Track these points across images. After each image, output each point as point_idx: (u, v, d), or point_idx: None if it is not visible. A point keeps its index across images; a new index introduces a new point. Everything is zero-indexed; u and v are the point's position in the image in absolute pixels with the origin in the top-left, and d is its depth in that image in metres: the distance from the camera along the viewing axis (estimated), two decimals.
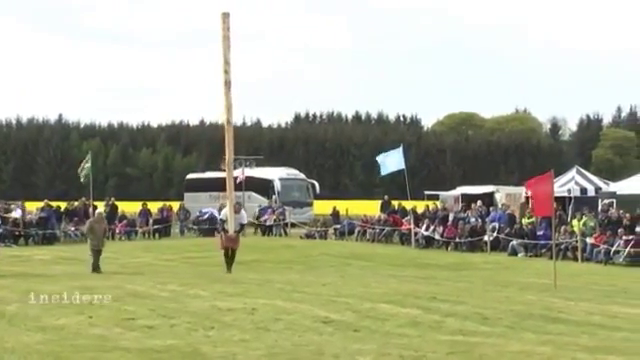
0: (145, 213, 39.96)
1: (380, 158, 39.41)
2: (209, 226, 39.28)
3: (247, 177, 41.85)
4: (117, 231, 37.25)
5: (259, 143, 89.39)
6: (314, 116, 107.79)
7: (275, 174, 48.71)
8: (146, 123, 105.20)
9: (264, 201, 45.65)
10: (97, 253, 21.82)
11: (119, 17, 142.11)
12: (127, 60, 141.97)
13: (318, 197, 50.02)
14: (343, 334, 11.61)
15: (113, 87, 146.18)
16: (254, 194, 46.19)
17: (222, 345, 10.47)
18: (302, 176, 50.61)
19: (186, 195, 51.50)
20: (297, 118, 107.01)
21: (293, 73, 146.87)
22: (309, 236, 38.61)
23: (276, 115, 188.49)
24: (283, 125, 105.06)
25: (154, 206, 41.67)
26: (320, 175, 72.99)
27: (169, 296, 15.57)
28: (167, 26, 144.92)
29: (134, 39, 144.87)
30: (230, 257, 21.72)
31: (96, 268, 21.51)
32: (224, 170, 45.76)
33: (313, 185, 49.48)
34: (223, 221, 22.19)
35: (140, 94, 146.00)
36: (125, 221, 38.88)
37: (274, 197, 46.03)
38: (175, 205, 44.07)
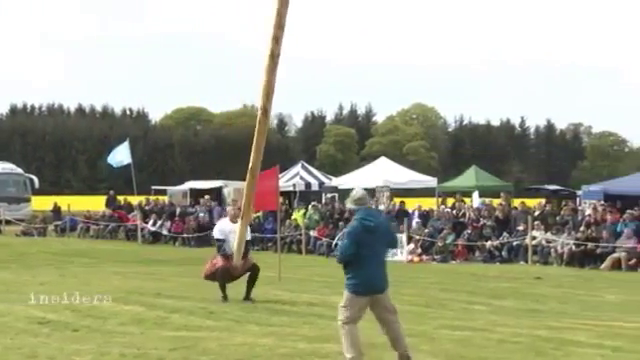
0: None
1: (120, 155, 38.19)
2: None
3: None
4: None
5: None
6: (32, 108, 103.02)
7: None
8: None
9: None
10: None
11: None
12: None
13: (37, 192, 48.06)
14: (61, 334, 11.21)
15: None
16: None
17: None
18: (19, 170, 48.31)
19: None
20: (13, 109, 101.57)
21: (9, 60, 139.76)
22: (26, 233, 37.09)
23: None
24: None
25: None
26: (40, 170, 70.22)
27: None
28: None
29: None
30: (250, 281, 14.80)
31: None
32: None
33: (31, 180, 47.49)
34: (221, 241, 14.89)
35: None
36: None
37: None
38: None
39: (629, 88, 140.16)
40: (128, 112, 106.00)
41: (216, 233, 15.16)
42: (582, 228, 25.15)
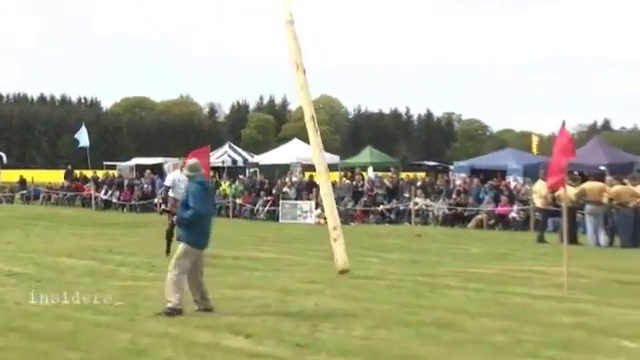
0: None
1: (79, 137, 36.56)
2: None
3: None
4: None
5: None
6: (0, 96, 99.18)
7: None
8: None
9: None
10: None
11: None
12: None
13: (5, 167, 46.43)
14: (26, 285, 10.93)
15: None
16: None
17: None
18: None
19: None
20: None
21: None
22: None
23: None
24: None
25: None
26: (8, 148, 67.74)
27: None
28: None
29: None
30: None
31: None
32: None
33: (0, 157, 45.89)
34: (168, 188, 14.82)
35: None
36: None
37: None
38: None
39: (490, 83, 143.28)
40: (83, 100, 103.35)
41: (167, 181, 15.11)
42: (453, 195, 25.68)
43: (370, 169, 34.32)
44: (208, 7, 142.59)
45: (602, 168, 25.07)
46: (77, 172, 38.20)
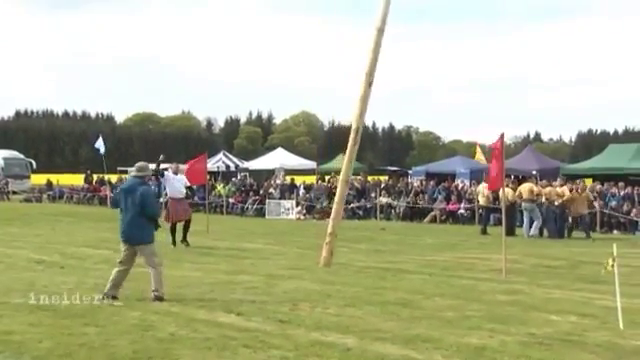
0: None
1: (98, 145, 36.15)
2: None
3: None
4: None
5: None
6: (32, 112, 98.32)
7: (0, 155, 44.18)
8: None
9: None
10: None
11: None
12: None
13: (35, 172, 45.88)
14: (52, 270, 10.80)
15: None
16: None
17: None
18: (22, 156, 46.00)
19: None
20: (17, 113, 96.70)
21: (15, 79, 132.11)
22: (27, 200, 35.40)
23: None
24: (6, 118, 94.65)
25: None
26: (37, 156, 66.82)
27: None
28: None
29: None
30: (184, 228, 14.65)
31: None
32: None
33: (31, 163, 45.35)
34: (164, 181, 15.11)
35: None
36: None
37: None
38: None
39: (443, 100, 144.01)
40: (100, 115, 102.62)
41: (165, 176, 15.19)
42: (412, 195, 25.76)
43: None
44: (207, 37, 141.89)
45: (534, 172, 25.33)
46: (95, 176, 37.90)
